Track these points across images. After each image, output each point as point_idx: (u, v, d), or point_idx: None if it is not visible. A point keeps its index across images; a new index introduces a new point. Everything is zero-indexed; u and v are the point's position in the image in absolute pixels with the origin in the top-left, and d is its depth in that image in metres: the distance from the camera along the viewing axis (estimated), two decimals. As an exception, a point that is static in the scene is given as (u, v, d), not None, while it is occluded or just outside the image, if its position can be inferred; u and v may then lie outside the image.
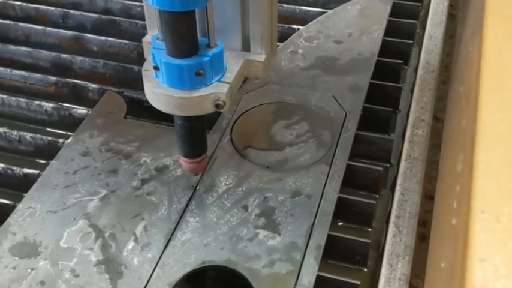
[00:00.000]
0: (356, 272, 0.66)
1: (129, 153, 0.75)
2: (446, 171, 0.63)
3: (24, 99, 0.87)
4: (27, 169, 0.76)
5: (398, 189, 0.71)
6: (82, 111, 0.84)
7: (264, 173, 0.72)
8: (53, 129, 0.85)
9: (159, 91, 0.58)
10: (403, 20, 1.01)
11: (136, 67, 0.91)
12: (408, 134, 0.79)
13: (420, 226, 0.70)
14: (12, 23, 1.02)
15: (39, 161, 0.80)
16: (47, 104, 0.86)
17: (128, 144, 0.77)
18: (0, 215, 0.68)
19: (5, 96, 0.87)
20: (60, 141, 0.79)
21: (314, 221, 0.66)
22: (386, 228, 0.68)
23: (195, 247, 0.64)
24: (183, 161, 0.66)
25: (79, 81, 0.90)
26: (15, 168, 0.76)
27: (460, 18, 1.07)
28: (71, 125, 0.83)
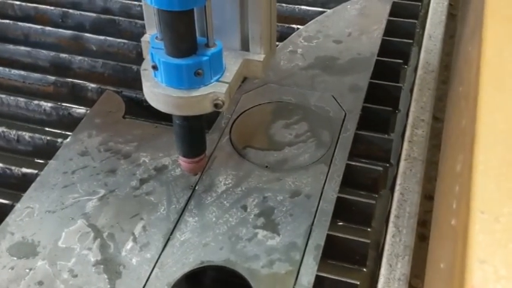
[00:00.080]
0: (355, 272, 0.66)
1: (128, 153, 0.75)
2: (445, 172, 0.63)
3: (23, 99, 0.86)
4: (25, 169, 0.75)
5: (397, 189, 0.71)
6: (81, 111, 0.84)
7: (263, 172, 0.72)
8: (51, 128, 0.85)
9: (157, 91, 0.58)
10: (403, 19, 1.01)
11: (135, 67, 0.91)
12: (408, 133, 0.79)
13: (420, 226, 0.70)
14: (11, 22, 1.02)
15: (38, 160, 0.80)
16: (46, 103, 0.85)
17: (127, 144, 0.76)
18: (-2, 215, 0.68)
19: (3, 95, 0.87)
20: (58, 140, 0.79)
21: (313, 221, 0.66)
22: (386, 228, 0.68)
23: (194, 247, 0.63)
24: (182, 161, 0.66)
25: (78, 81, 0.90)
26: (13, 167, 0.76)
27: (459, 18, 1.07)
28: (69, 124, 0.82)
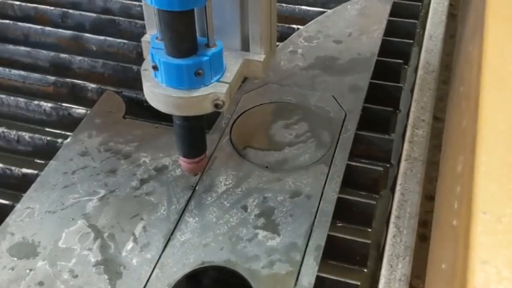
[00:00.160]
0: (356, 272, 0.66)
1: (128, 153, 0.75)
2: (446, 172, 0.63)
3: (23, 99, 0.86)
4: (25, 169, 0.75)
5: (398, 189, 0.71)
6: (81, 111, 0.84)
7: (263, 173, 0.72)
8: (51, 129, 0.85)
9: (158, 91, 0.58)
10: (403, 19, 1.01)
11: (135, 67, 0.91)
12: (408, 134, 0.79)
13: (420, 226, 0.70)
14: (11, 22, 1.02)
15: (38, 161, 0.79)
16: (46, 103, 0.85)
17: (127, 144, 0.76)
18: (-2, 216, 0.68)
19: (3, 96, 0.87)
20: (59, 141, 0.79)
21: (314, 222, 0.66)
22: (387, 228, 0.68)
23: (194, 247, 0.63)
24: (182, 161, 0.66)
25: (78, 81, 0.90)
26: (13, 168, 0.76)
27: (460, 17, 1.07)
28: (69, 125, 0.82)
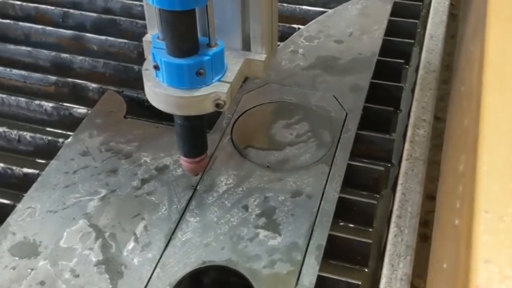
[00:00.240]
0: (357, 272, 0.66)
1: (129, 153, 0.75)
2: (448, 172, 0.63)
3: (24, 99, 0.86)
4: (27, 169, 0.75)
5: (399, 189, 0.71)
6: (82, 111, 0.84)
7: (264, 172, 0.72)
8: (52, 128, 0.85)
9: (159, 90, 0.58)
10: (404, 19, 1.01)
11: (136, 66, 0.91)
12: (409, 133, 0.79)
13: (421, 226, 0.70)
14: (12, 22, 1.02)
15: (39, 160, 0.79)
16: (47, 103, 0.85)
17: (128, 143, 0.76)
18: (-1, 215, 0.68)
19: (4, 95, 0.87)
20: (60, 140, 0.79)
21: (315, 221, 0.66)
22: (388, 228, 0.68)
23: (195, 247, 0.63)
24: (183, 161, 0.66)
25: (79, 81, 0.90)
26: (14, 168, 0.76)
27: (461, 17, 1.07)
28: (70, 124, 0.82)
